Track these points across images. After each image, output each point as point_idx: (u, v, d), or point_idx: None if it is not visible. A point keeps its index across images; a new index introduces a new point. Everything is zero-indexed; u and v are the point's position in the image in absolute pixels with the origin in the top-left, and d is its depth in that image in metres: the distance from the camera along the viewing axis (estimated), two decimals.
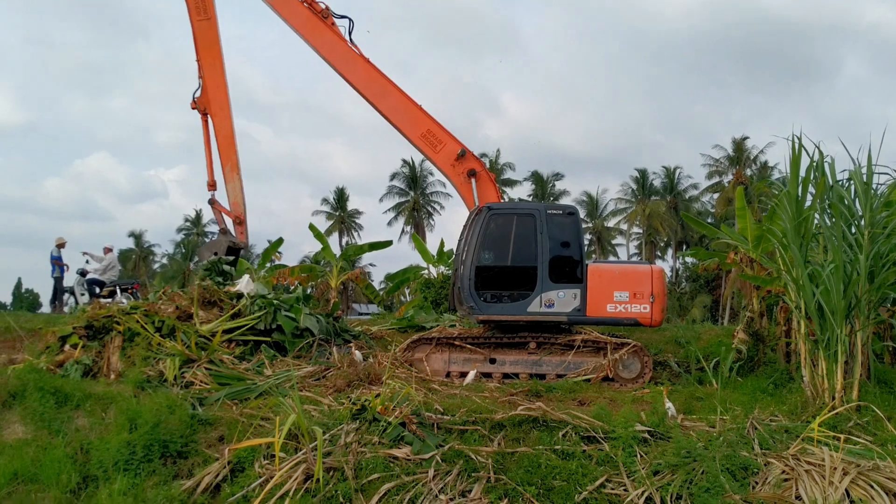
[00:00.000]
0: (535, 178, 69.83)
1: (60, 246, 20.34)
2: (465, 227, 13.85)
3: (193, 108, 14.53)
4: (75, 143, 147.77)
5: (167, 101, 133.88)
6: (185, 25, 14.92)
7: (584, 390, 11.79)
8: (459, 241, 13.89)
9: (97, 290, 18.95)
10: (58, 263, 20.13)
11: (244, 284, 13.27)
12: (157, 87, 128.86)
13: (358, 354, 12.46)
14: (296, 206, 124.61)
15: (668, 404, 10.09)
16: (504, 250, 13.12)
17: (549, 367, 12.80)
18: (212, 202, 15.18)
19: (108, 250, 20.62)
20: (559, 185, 70.06)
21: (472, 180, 14.24)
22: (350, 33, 14.83)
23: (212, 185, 15.08)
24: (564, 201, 65.33)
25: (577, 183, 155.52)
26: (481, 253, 12.84)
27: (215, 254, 13.48)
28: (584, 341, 12.91)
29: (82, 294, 19.14)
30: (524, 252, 12.98)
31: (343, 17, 14.87)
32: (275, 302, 13.10)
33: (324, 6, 14.72)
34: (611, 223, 68.53)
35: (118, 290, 18.75)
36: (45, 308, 34.44)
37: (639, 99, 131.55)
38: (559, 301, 12.75)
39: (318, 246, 25.62)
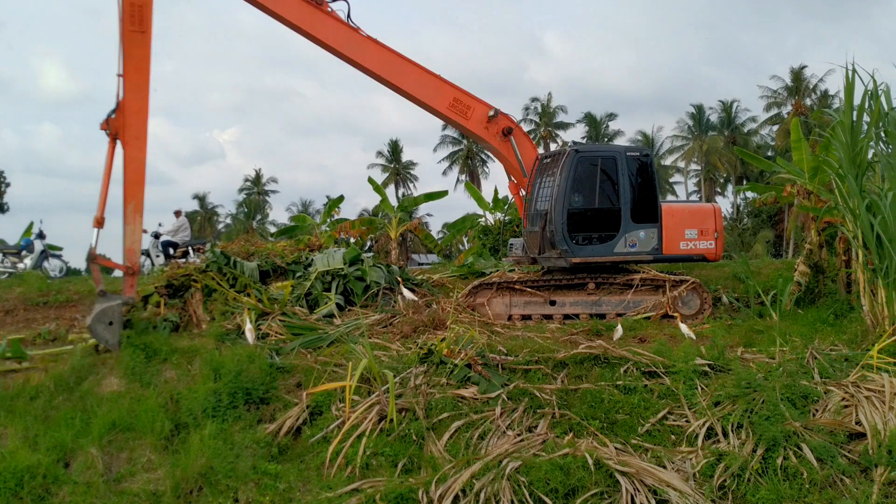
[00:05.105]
0: (589, 119, 68.83)
1: None
2: (534, 172, 14.04)
3: (103, 130, 11.69)
4: None
5: (215, 63, 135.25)
6: None
7: (644, 328, 12.02)
8: (531, 186, 14.07)
9: (171, 251, 19.81)
10: None
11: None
12: (204, 49, 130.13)
13: (408, 293, 13.09)
14: (348, 160, 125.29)
15: (684, 328, 10.99)
16: (591, 193, 13.32)
17: (608, 307, 13.06)
18: (92, 257, 11.72)
19: (178, 213, 21.47)
20: (613, 126, 69.04)
21: (511, 137, 14.28)
22: (349, 15, 13.37)
23: (100, 222, 11.80)
24: (619, 142, 64.36)
25: (630, 123, 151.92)
26: (572, 196, 13.04)
27: (110, 323, 11.10)
28: (642, 280, 13.13)
29: (157, 256, 20.03)
30: (609, 194, 13.26)
31: None
32: (341, 273, 13.61)
33: None
34: (667, 161, 67.28)
35: (191, 251, 19.56)
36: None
37: (686, 31, 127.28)
38: (640, 241, 13.08)
39: (373, 199, 25.97)
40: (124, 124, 11.57)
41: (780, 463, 7.57)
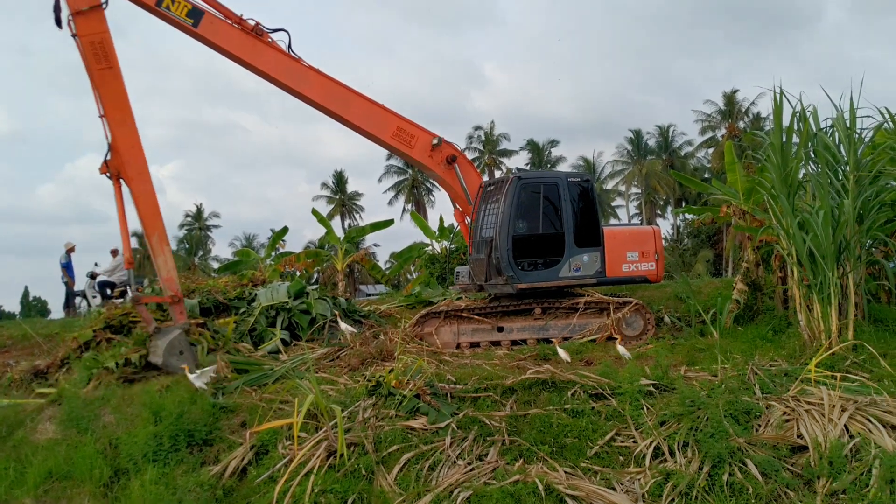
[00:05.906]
0: (532, 146, 69.89)
1: (70, 251, 20.63)
2: (478, 199, 14.15)
3: (103, 173, 11.65)
4: (64, 147, 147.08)
5: (151, 98, 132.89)
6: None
7: (590, 350, 12.13)
8: (476, 213, 14.17)
9: (108, 291, 19.28)
10: (64, 271, 20.40)
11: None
12: (140, 84, 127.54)
13: (345, 326, 13.01)
14: (293, 192, 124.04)
15: (622, 349, 11.25)
16: (535, 219, 13.47)
17: (555, 331, 13.15)
18: (136, 300, 11.80)
19: (115, 252, 20.92)
20: (555, 152, 70.24)
21: (455, 165, 14.43)
22: (290, 46, 13.41)
23: (131, 262, 12.20)
24: (561, 167, 65.44)
25: (571, 149, 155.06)
26: (516, 222, 13.18)
27: (181, 353, 11.25)
28: (587, 303, 13.27)
29: (94, 297, 19.47)
30: (552, 219, 13.44)
31: (277, 29, 13.37)
32: (286, 307, 13.49)
33: (254, 23, 13.05)
34: (609, 186, 68.61)
35: (129, 290, 19.06)
36: (55, 314, 34.75)
37: (620, 59, 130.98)
38: (584, 265, 13.27)
39: (319, 231, 25.79)
40: (122, 162, 11.45)
41: (726, 479, 7.66)
